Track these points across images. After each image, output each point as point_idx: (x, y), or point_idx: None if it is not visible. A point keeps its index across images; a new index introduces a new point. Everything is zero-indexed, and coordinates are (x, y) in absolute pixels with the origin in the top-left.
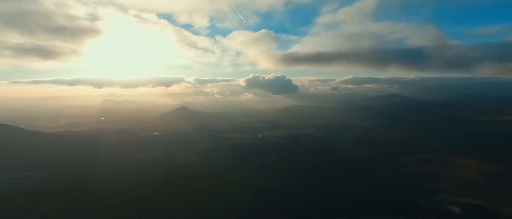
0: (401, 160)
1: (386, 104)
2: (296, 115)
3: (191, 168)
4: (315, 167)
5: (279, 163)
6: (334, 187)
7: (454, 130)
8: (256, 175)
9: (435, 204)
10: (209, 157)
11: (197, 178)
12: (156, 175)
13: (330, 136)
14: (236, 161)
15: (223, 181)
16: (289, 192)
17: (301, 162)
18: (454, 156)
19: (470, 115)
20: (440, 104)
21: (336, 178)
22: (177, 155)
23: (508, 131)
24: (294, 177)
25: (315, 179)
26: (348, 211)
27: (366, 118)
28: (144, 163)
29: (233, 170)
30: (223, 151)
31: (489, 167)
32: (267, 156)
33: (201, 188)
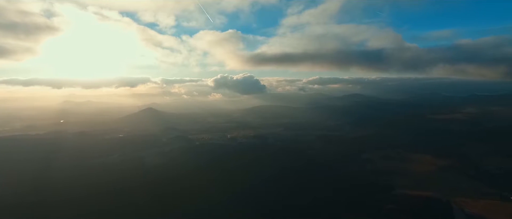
0: (365, 157)
1: (350, 104)
2: (264, 115)
3: (159, 171)
4: (283, 166)
5: (248, 163)
6: (302, 185)
7: (411, 127)
8: (226, 176)
9: (396, 199)
10: (178, 159)
11: (165, 181)
12: (122, 179)
13: (298, 135)
14: (205, 162)
15: (193, 183)
16: (259, 192)
17: (270, 161)
18: (412, 152)
19: (425, 113)
20: (399, 103)
21: (304, 176)
22: (144, 158)
23: (458, 128)
24: (263, 177)
25: (283, 178)
26: (315, 208)
27: (332, 117)
28: (108, 167)
29: (202, 171)
30: (192, 152)
31: (442, 162)
32: (236, 157)
33: (170, 191)
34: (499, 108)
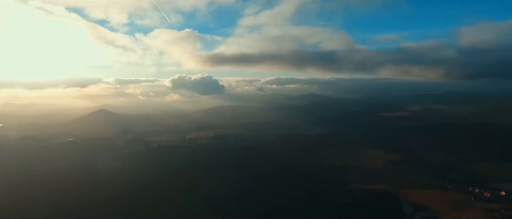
0: (322, 154)
1: (307, 104)
2: (224, 115)
3: (113, 177)
4: (245, 166)
5: (208, 164)
6: (263, 184)
7: (364, 125)
8: (186, 179)
9: (351, 193)
10: (134, 163)
11: (120, 187)
12: (70, 188)
13: (258, 135)
14: (164, 165)
15: (151, 188)
16: (219, 194)
17: (231, 162)
18: (365, 148)
19: (376, 112)
20: (352, 103)
21: (265, 175)
22: (96, 163)
23: (405, 124)
24: (225, 178)
25: (245, 178)
26: (276, 205)
27: (290, 117)
28: (55, 175)
29: (160, 175)
30: (149, 155)
31: (391, 156)
32: (196, 158)
33: (126, 198)
34: (439, 106)
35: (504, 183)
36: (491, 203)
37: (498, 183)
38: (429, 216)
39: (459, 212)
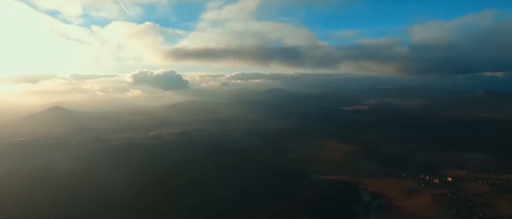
0: (286, 147)
1: (272, 98)
2: (188, 111)
3: (68, 178)
4: (210, 161)
5: (173, 160)
6: (229, 178)
7: (325, 118)
8: (147, 177)
9: (313, 184)
10: (92, 163)
11: (73, 188)
12: (21, 190)
13: (223, 130)
14: (124, 164)
15: (111, 188)
16: (184, 189)
17: (196, 157)
18: (326, 141)
19: (336, 105)
20: (314, 97)
21: (231, 169)
22: (50, 164)
23: (362, 117)
24: (189, 174)
25: (210, 173)
26: (242, 199)
27: (255, 111)
28: (3, 177)
29: (121, 174)
30: (109, 154)
31: (350, 148)
32: (160, 155)
33: (81, 201)
34: (394, 100)
35: (451, 170)
36: (439, 189)
37: (446, 170)
38: (385, 203)
39: (412, 198)
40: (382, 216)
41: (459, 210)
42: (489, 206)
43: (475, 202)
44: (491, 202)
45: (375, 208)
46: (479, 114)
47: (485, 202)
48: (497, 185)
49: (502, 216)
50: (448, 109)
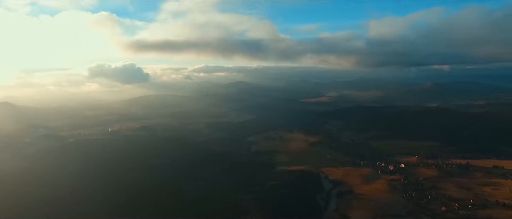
0: (250, 140)
1: (235, 91)
2: (150, 105)
3: (19, 178)
4: (172, 156)
5: (134, 156)
6: (191, 172)
7: (288, 110)
8: (107, 174)
9: (277, 175)
10: (46, 161)
11: (26, 188)
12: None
13: (186, 124)
14: (81, 161)
15: (64, 187)
16: (145, 185)
17: (158, 152)
18: (289, 132)
19: (298, 98)
20: (278, 90)
21: (194, 163)
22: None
23: (323, 109)
24: (151, 169)
25: (172, 167)
26: (205, 192)
27: (219, 104)
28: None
29: (76, 172)
30: (64, 152)
31: (312, 138)
32: (121, 151)
33: (34, 201)
34: (352, 91)
35: (404, 157)
36: (393, 175)
37: (399, 157)
38: (345, 189)
39: (369, 184)
40: (342, 203)
41: (411, 194)
42: (437, 188)
43: (424, 185)
44: (438, 185)
45: (336, 195)
46: (428, 104)
47: (433, 185)
48: (443, 170)
49: (447, 198)
50: (402, 100)
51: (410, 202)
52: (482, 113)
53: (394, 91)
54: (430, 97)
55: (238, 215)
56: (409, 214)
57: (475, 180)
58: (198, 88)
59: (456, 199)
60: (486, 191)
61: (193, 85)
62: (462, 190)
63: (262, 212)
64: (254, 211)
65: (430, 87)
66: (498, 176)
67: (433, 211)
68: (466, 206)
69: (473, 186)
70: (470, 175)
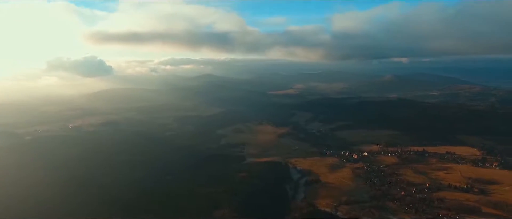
0: (220, 133)
1: (203, 84)
2: (114, 99)
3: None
4: (139, 151)
5: (98, 152)
6: (159, 168)
7: (256, 103)
8: (70, 172)
9: (247, 167)
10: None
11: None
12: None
13: (154, 118)
14: (39, 159)
15: (20, 188)
16: (109, 183)
17: (124, 148)
18: (258, 125)
19: (266, 90)
20: (245, 82)
21: (163, 158)
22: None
23: (291, 101)
24: (115, 166)
25: (139, 163)
26: (174, 187)
27: (187, 98)
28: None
29: (34, 172)
30: (20, 150)
31: (280, 130)
32: (83, 147)
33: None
34: (318, 83)
35: (367, 145)
36: (357, 163)
37: (363, 146)
38: (312, 178)
39: (335, 173)
40: (309, 191)
41: (373, 181)
42: (396, 174)
43: (385, 172)
44: (398, 171)
45: (303, 184)
46: (389, 95)
47: (394, 172)
48: (402, 157)
49: (406, 183)
50: (365, 91)
51: (373, 188)
52: (436, 103)
53: (357, 83)
54: (391, 89)
55: (209, 208)
56: (371, 199)
57: (431, 166)
58: (165, 81)
59: (414, 184)
60: (440, 175)
61: (159, 78)
62: (419, 175)
63: (233, 204)
64: (225, 203)
65: (390, 79)
66: (450, 161)
67: (393, 195)
68: (423, 190)
69: (429, 171)
70: (426, 161)
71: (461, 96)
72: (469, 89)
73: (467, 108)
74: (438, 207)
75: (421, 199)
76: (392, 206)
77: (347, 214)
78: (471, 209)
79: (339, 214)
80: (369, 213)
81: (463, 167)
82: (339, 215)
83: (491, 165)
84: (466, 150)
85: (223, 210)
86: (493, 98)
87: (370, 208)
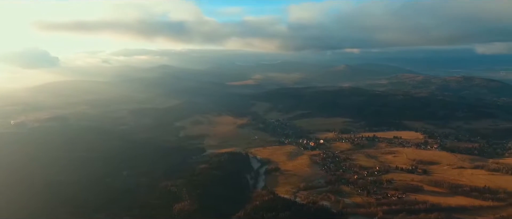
0: (178, 125)
1: (159, 75)
2: (61, 92)
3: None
4: (91, 148)
5: (45, 150)
6: (114, 163)
7: (215, 94)
8: (13, 172)
9: (207, 158)
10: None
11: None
12: None
13: (106, 112)
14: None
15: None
16: (61, 181)
17: (75, 145)
18: (217, 116)
19: (225, 81)
20: (203, 73)
21: (117, 154)
22: None
23: (249, 91)
24: (67, 163)
25: (93, 158)
26: (132, 179)
27: (141, 89)
28: None
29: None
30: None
31: (240, 121)
32: (27, 145)
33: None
34: (275, 74)
35: (323, 133)
36: (314, 150)
37: (319, 133)
38: (273, 167)
39: (293, 161)
40: (269, 180)
41: (329, 166)
42: (350, 160)
43: (340, 158)
44: (351, 156)
45: (264, 173)
46: (342, 84)
47: (347, 157)
48: (355, 143)
49: (359, 167)
50: (320, 81)
51: (329, 173)
52: (385, 91)
53: (313, 73)
54: (344, 78)
55: (168, 201)
56: (328, 184)
57: (380, 150)
58: (118, 73)
59: (366, 168)
60: (388, 158)
61: (111, 69)
62: (370, 159)
63: (193, 196)
64: (184, 196)
65: (343, 69)
66: (397, 145)
67: (347, 179)
68: (373, 173)
69: (379, 155)
70: (376, 145)
71: (406, 84)
72: (413, 78)
73: (412, 95)
74: (387, 188)
75: (372, 182)
76: (347, 190)
77: (305, 199)
78: (415, 188)
79: (298, 200)
80: (326, 197)
81: (408, 150)
82: (298, 200)
83: (432, 147)
84: (411, 134)
85: (183, 202)
86: (434, 86)
87: (326, 192)
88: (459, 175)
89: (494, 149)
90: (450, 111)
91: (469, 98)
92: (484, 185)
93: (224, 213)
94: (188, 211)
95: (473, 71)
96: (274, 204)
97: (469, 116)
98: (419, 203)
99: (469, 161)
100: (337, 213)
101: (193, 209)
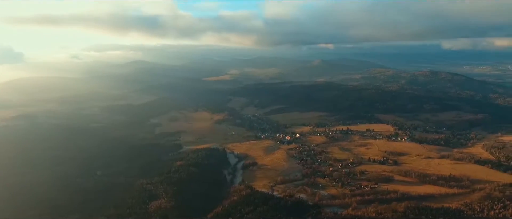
0: (154, 122)
1: (133, 71)
2: (28, 89)
3: None
4: (61, 147)
5: (12, 150)
6: (87, 163)
7: (191, 89)
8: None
9: (184, 155)
10: None
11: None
12: None
13: (76, 109)
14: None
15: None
16: (32, 180)
17: (44, 143)
18: (193, 112)
19: (201, 76)
20: (179, 69)
21: (90, 152)
22: None
23: (226, 86)
24: (37, 163)
25: (64, 159)
26: (107, 178)
27: (115, 86)
28: None
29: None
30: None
31: (217, 116)
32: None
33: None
34: (252, 69)
35: (299, 127)
36: (290, 144)
37: (295, 127)
38: (249, 162)
39: (270, 155)
40: (247, 174)
41: (305, 160)
42: (325, 152)
43: (315, 151)
44: (326, 149)
45: (241, 168)
46: (317, 79)
47: (322, 150)
48: (330, 136)
49: (333, 160)
50: (296, 76)
51: (305, 166)
52: (358, 85)
53: (289, 68)
54: (319, 73)
55: (144, 200)
56: (304, 177)
57: (354, 142)
58: (89, 69)
59: (340, 160)
60: (361, 150)
61: (82, 65)
62: (344, 151)
63: (170, 193)
64: (161, 193)
65: (318, 64)
66: (369, 138)
67: (322, 172)
68: (347, 165)
69: (352, 147)
70: (350, 138)
71: (377, 79)
72: (384, 73)
73: (383, 89)
74: (360, 179)
75: (346, 173)
76: (322, 182)
77: (282, 192)
78: (387, 178)
79: (276, 193)
80: (302, 190)
81: (380, 142)
82: (276, 194)
83: (402, 139)
84: (382, 127)
85: (160, 200)
86: (403, 80)
87: (303, 185)
88: (427, 165)
89: (458, 139)
90: (419, 103)
91: (435, 91)
92: (449, 174)
93: (202, 209)
94: (165, 209)
95: (439, 66)
96: (251, 199)
97: (435, 108)
98: (391, 193)
99: (436, 151)
100: (314, 205)
101: (170, 207)
